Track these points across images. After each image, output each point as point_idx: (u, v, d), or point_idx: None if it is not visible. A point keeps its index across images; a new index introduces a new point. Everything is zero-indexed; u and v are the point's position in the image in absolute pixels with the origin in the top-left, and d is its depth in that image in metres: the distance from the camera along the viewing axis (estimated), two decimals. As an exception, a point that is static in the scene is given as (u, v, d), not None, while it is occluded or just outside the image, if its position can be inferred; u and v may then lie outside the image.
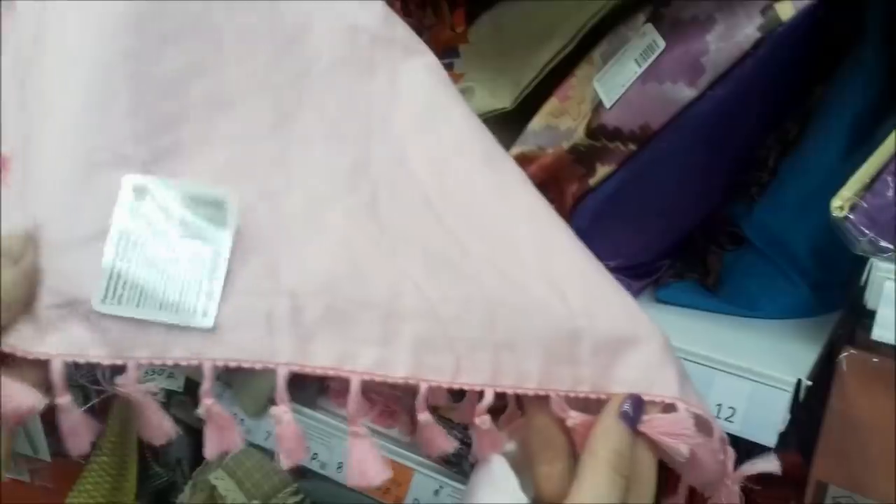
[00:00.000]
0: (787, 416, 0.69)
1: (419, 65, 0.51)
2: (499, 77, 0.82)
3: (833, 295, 0.80)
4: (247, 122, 0.45)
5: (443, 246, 0.46)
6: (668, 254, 0.87)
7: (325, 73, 0.47)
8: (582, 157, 0.76)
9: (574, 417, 0.46)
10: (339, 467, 0.97)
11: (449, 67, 0.87)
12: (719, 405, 0.70)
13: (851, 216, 0.65)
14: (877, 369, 0.73)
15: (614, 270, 0.81)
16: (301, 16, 0.47)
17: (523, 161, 0.80)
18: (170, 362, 0.40)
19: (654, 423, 0.46)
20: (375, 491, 0.95)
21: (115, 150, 0.41)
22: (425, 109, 0.50)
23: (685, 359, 0.72)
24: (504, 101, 0.81)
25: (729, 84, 0.66)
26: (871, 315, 0.64)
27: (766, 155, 0.83)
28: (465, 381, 0.44)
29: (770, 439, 0.68)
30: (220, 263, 0.41)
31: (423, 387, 0.43)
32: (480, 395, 0.45)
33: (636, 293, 0.83)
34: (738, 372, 0.70)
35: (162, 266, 0.40)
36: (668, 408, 0.48)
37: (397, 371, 0.43)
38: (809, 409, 0.77)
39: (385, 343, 0.43)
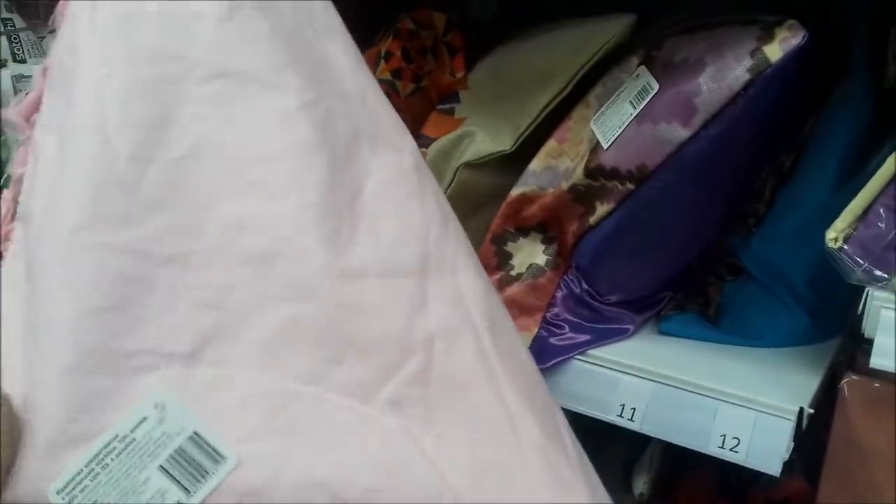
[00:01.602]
0: (791, 445, 0.70)
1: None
2: (498, 121, 0.85)
3: (832, 322, 0.82)
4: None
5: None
6: (669, 286, 0.89)
7: None
8: (581, 197, 0.78)
9: None
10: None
11: (450, 112, 0.90)
12: (723, 436, 0.71)
13: (846, 247, 0.67)
14: (878, 394, 0.74)
15: (615, 305, 0.84)
16: None
17: (524, 201, 0.82)
18: None
19: None
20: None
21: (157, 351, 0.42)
22: None
23: (688, 390, 0.73)
24: (504, 144, 0.83)
25: (721, 123, 0.68)
26: (869, 343, 0.65)
27: (762, 186, 0.85)
28: None
29: (775, 468, 0.69)
30: None
31: None
32: None
33: (638, 327, 0.84)
34: (741, 402, 0.71)
35: (128, 491, 0.41)
36: None
37: None
38: (814, 435, 0.78)
39: None
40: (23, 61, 0.92)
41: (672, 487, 0.89)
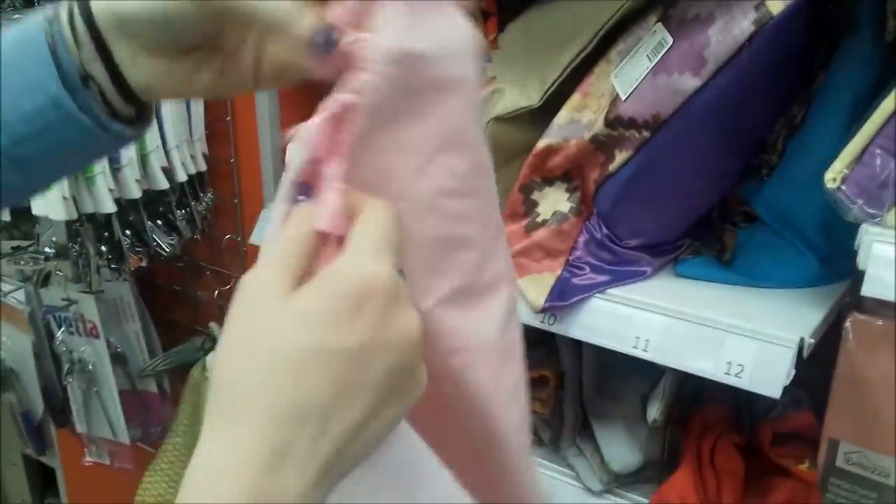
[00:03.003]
0: (793, 372, 0.76)
1: None
2: (527, 78, 0.91)
3: (840, 265, 0.87)
4: None
5: None
6: (688, 234, 0.95)
7: None
8: (602, 146, 0.85)
9: None
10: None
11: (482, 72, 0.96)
12: (729, 363, 0.77)
13: (843, 187, 0.73)
14: (881, 332, 0.79)
15: (634, 249, 0.90)
16: None
17: (550, 152, 0.89)
18: None
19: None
20: None
21: None
22: None
23: (698, 323, 0.80)
24: (532, 98, 0.90)
25: (729, 73, 0.74)
26: (849, 260, 0.71)
27: (775, 139, 0.90)
28: None
29: (775, 393, 0.75)
30: None
31: None
32: None
33: (656, 270, 0.91)
34: (746, 333, 0.77)
35: None
36: None
37: None
38: (822, 372, 0.84)
39: None
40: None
41: (686, 420, 0.95)
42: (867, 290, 0.71)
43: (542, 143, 0.89)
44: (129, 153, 1.01)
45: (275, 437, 0.33)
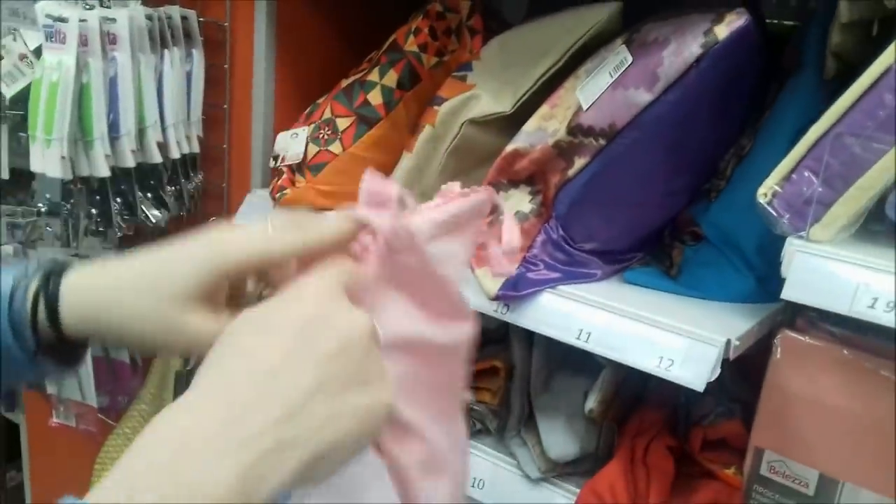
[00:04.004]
0: (718, 370, 0.82)
1: None
2: (502, 87, 0.99)
3: (775, 286, 0.93)
4: None
5: None
6: (640, 248, 1.02)
7: None
8: (563, 152, 0.92)
9: None
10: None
11: (463, 79, 1.04)
12: (661, 357, 0.83)
13: (774, 202, 0.80)
14: (808, 349, 0.86)
15: (587, 252, 0.97)
16: None
17: (517, 156, 0.96)
18: None
19: None
20: None
21: None
22: None
23: (636, 319, 0.86)
24: (505, 106, 0.98)
25: (678, 91, 0.81)
26: (783, 281, 0.78)
27: (725, 166, 0.98)
28: None
29: (699, 386, 0.81)
30: None
31: None
32: None
33: (606, 275, 0.97)
34: (677, 330, 0.83)
35: None
36: None
37: None
38: (756, 388, 0.90)
39: None
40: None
41: (625, 420, 1.01)
42: (787, 293, 0.78)
43: (510, 147, 0.96)
44: (127, 124, 1.08)
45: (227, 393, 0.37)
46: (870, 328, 0.77)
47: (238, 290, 0.51)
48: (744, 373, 1.03)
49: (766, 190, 0.80)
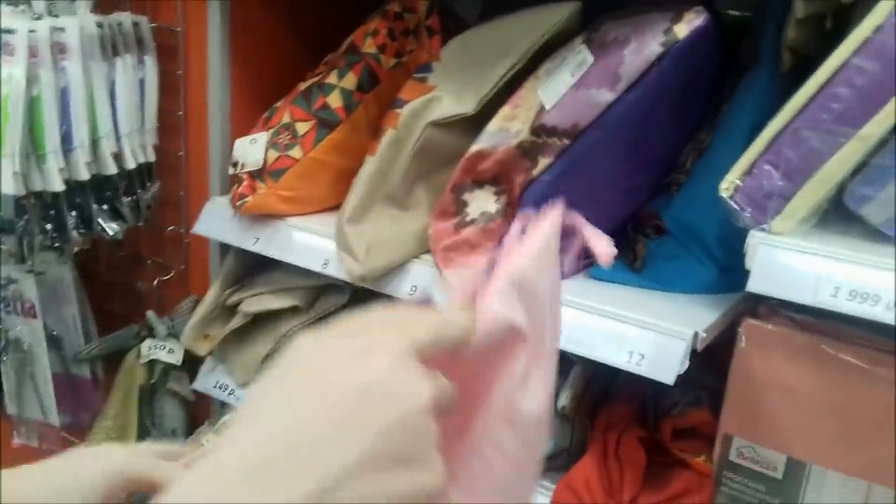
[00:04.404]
0: (687, 362, 0.83)
1: None
2: (463, 88, 0.99)
3: (737, 276, 0.95)
4: None
5: None
6: (604, 243, 1.03)
7: None
8: (527, 152, 0.92)
9: None
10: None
11: (423, 80, 1.04)
12: (631, 352, 0.85)
13: (735, 196, 0.82)
14: (771, 336, 0.88)
15: (555, 250, 0.97)
16: None
17: (480, 157, 0.96)
18: None
19: None
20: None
21: None
22: None
23: (605, 316, 0.87)
24: (467, 107, 0.98)
25: (640, 89, 0.82)
26: (746, 272, 0.79)
27: (685, 160, 1.00)
28: None
29: (669, 379, 0.82)
30: None
31: None
32: None
33: (572, 272, 0.98)
34: (646, 326, 0.85)
35: None
36: None
37: None
38: (723, 376, 0.91)
39: None
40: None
41: (596, 414, 1.02)
42: (752, 286, 0.79)
43: (473, 148, 0.96)
44: (81, 136, 1.05)
45: (259, 451, 0.35)
46: (830, 314, 0.79)
47: None
48: (710, 361, 1.05)
49: (728, 185, 0.81)
